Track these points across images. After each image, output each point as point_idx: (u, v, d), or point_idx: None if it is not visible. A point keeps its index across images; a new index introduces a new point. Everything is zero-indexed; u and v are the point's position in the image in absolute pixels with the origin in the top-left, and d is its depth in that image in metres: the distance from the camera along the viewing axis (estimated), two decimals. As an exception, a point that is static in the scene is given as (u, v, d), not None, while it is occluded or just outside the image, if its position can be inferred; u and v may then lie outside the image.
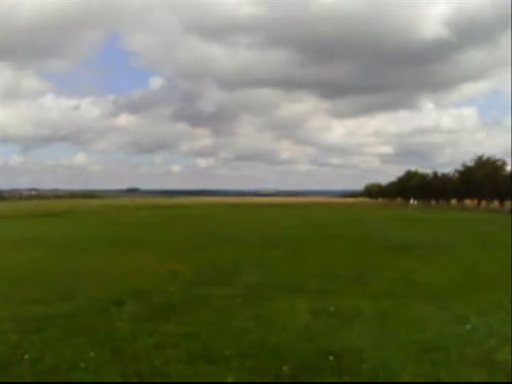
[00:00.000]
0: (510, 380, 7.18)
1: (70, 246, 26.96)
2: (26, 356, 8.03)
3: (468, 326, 9.96)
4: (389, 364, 7.71)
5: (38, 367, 7.61)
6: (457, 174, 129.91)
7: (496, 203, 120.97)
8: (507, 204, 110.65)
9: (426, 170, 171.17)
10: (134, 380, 7.14)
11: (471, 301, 12.47)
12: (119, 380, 7.11)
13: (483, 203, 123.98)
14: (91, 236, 34.83)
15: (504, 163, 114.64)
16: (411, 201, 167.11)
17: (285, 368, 7.50)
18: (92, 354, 8.09)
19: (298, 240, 30.83)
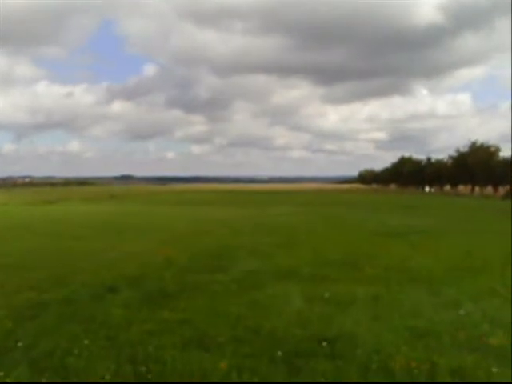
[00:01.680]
0: (501, 362, 7.23)
1: (64, 233, 26.92)
2: (20, 343, 8.04)
3: (461, 312, 10.01)
4: (382, 349, 7.74)
5: (32, 354, 7.61)
6: (450, 160, 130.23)
7: (490, 189, 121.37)
8: (501, 190, 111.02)
9: (420, 155, 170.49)
10: (128, 365, 7.15)
11: (465, 286, 12.53)
12: (113, 366, 7.12)
13: (477, 189, 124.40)
14: (86, 223, 34.81)
15: (497, 149, 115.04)
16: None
17: (279, 353, 7.53)
18: (86, 341, 8.09)
19: (291, 226, 30.90)
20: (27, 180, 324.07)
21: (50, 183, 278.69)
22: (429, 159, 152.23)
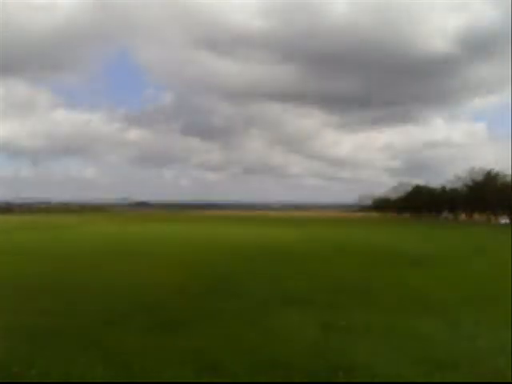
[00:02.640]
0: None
1: (78, 259, 26.95)
2: (34, 370, 7.99)
3: (479, 342, 9.86)
4: (399, 380, 7.63)
5: (46, 380, 7.57)
6: (465, 189, 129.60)
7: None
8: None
9: (434, 184, 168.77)
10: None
11: (482, 316, 12.36)
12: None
13: (492, 218, 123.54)
14: (99, 248, 34.83)
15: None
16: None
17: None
18: (100, 369, 8.04)
19: (307, 254, 30.73)
20: (43, 205, 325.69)
21: (65, 209, 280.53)
22: (443, 187, 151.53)
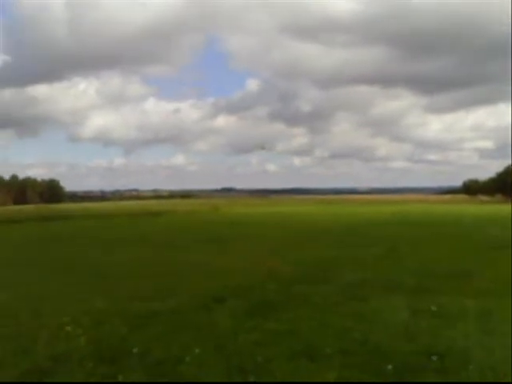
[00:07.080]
0: None
1: (170, 244, 27.72)
2: (135, 349, 8.38)
3: None
4: (497, 366, 7.46)
5: (147, 360, 7.93)
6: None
7: None
8: None
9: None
10: (238, 375, 7.30)
11: None
12: (223, 375, 7.28)
13: None
14: (188, 233, 35.64)
15: None
16: None
17: (389, 367, 7.42)
18: (196, 350, 8.30)
19: (395, 237, 30.30)
20: (134, 193, 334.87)
21: (155, 196, 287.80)
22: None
